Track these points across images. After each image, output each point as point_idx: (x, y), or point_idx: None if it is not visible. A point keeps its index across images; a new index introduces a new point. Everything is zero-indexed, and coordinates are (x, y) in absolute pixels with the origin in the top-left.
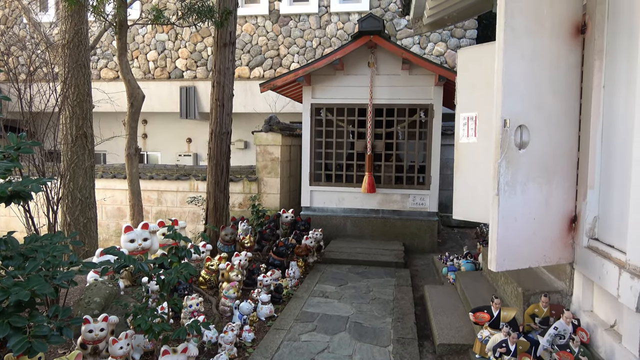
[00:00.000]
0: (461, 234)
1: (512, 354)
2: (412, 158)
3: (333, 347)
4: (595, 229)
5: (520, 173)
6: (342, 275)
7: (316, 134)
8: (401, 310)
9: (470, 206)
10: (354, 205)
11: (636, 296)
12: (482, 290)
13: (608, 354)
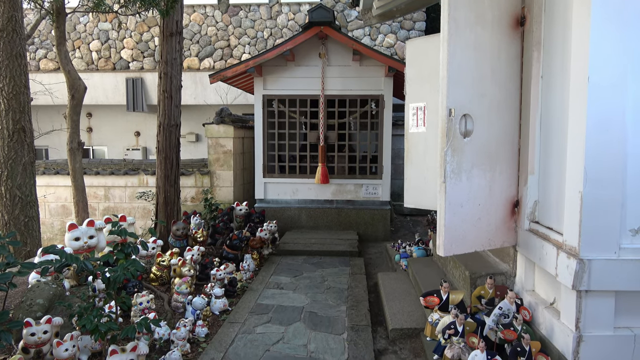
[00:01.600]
0: (413, 221)
1: (460, 334)
2: (364, 148)
3: (288, 337)
4: (536, 212)
5: (465, 161)
6: (297, 266)
7: (269, 125)
8: (355, 298)
9: (421, 194)
10: (309, 196)
11: (572, 275)
12: (432, 275)
13: (548, 330)
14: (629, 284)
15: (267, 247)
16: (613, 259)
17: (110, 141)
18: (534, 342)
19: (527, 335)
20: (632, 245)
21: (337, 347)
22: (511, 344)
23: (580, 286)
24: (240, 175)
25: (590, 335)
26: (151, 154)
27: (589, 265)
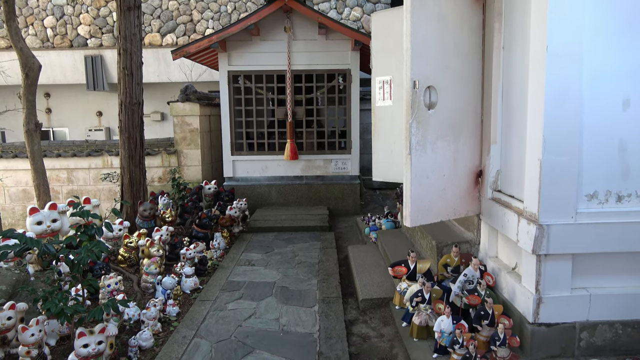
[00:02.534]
0: (383, 195)
1: (427, 301)
2: (333, 124)
3: (260, 312)
4: (498, 181)
5: (430, 132)
6: (268, 243)
7: (235, 102)
8: (326, 271)
9: (388, 167)
10: (278, 173)
11: (532, 240)
12: (401, 246)
13: (510, 294)
14: (585, 247)
15: (238, 225)
16: (570, 223)
17: (71, 122)
18: (496, 305)
19: (490, 300)
20: (588, 210)
21: (309, 320)
22: (475, 309)
23: (540, 250)
24: (208, 154)
25: (549, 297)
26: (115, 134)
27: (547, 231)
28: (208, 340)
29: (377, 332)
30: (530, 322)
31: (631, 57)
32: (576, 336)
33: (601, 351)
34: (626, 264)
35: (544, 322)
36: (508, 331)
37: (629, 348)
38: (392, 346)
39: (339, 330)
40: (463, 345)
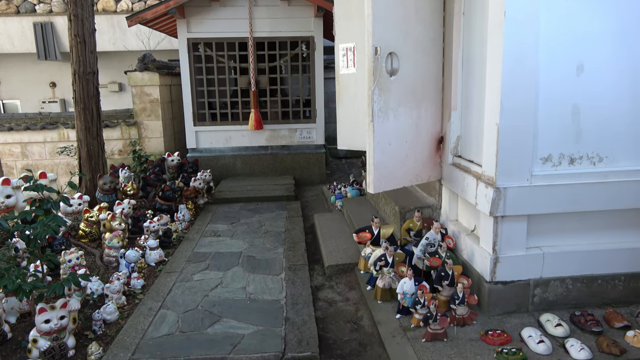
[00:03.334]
0: (349, 164)
1: (390, 265)
2: (297, 92)
3: (226, 282)
4: (459, 147)
5: (392, 99)
6: (234, 214)
7: (196, 71)
8: (292, 240)
9: (353, 135)
10: (243, 143)
11: (489, 202)
12: (366, 213)
13: (469, 255)
14: (539, 208)
15: (203, 197)
16: (525, 185)
17: (22, 94)
18: (456, 266)
19: (450, 261)
20: (543, 172)
21: (276, 287)
22: (436, 270)
23: (497, 212)
24: (170, 125)
25: (505, 256)
26: (70, 106)
27: (504, 193)
28: (174, 311)
29: (343, 297)
30: (488, 281)
31: (584, 23)
32: (530, 292)
33: (553, 306)
34: (577, 224)
35: (501, 281)
36: (467, 290)
37: (578, 302)
38: (357, 309)
39: (305, 296)
40: (424, 305)
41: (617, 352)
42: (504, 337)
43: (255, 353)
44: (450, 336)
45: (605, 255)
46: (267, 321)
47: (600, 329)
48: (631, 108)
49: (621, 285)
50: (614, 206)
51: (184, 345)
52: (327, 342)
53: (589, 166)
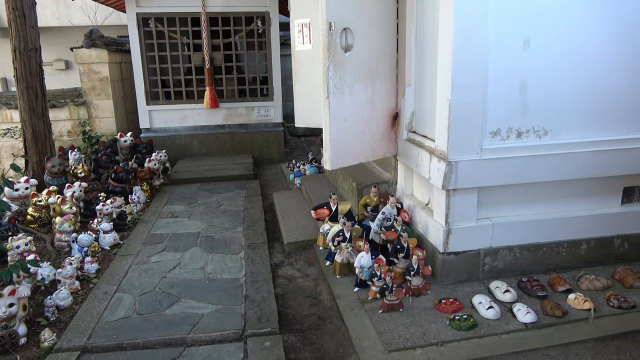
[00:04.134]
0: (308, 142)
1: (348, 240)
2: (253, 70)
3: (184, 262)
4: (413, 122)
5: (347, 75)
6: (192, 194)
7: (147, 47)
8: (251, 218)
9: (310, 112)
10: (199, 122)
11: (442, 176)
12: (324, 190)
13: (424, 228)
14: (489, 180)
15: (158, 178)
16: (476, 159)
17: None
18: (411, 239)
19: (405, 234)
20: (492, 146)
21: (235, 266)
22: (392, 243)
23: (449, 186)
24: (122, 104)
25: (457, 228)
26: (12, 85)
27: (455, 167)
28: (131, 294)
29: (302, 273)
30: (441, 252)
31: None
32: (481, 261)
33: (502, 273)
34: (524, 195)
35: (453, 251)
36: (421, 262)
37: (525, 269)
38: (316, 284)
39: (265, 274)
40: (381, 277)
41: (559, 314)
42: (457, 305)
43: (214, 332)
44: (406, 306)
45: (550, 224)
46: (226, 300)
47: (544, 294)
48: (574, 83)
49: (564, 252)
50: (557, 177)
51: (142, 328)
52: (287, 317)
53: (535, 139)
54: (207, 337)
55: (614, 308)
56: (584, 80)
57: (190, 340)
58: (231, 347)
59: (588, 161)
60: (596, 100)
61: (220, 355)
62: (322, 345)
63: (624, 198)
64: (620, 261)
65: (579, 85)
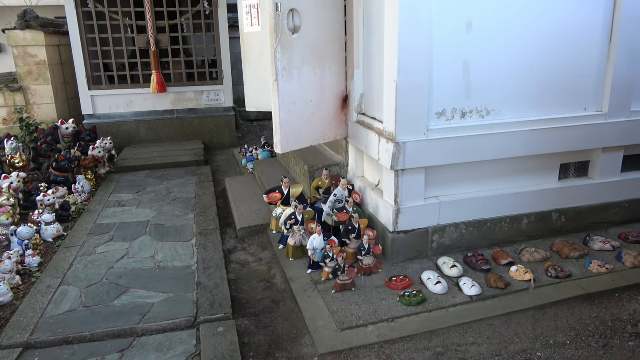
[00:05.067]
0: (260, 126)
1: (300, 223)
2: (202, 53)
3: (133, 252)
4: (363, 105)
5: (295, 57)
6: (140, 182)
7: (87, 29)
8: (203, 205)
9: (260, 96)
10: (146, 107)
11: (390, 157)
12: (277, 174)
13: (374, 208)
14: (435, 160)
15: (104, 166)
16: (423, 140)
17: None
18: (362, 220)
19: (356, 215)
20: (438, 127)
21: (186, 253)
22: (344, 225)
23: (397, 166)
24: (63, 90)
25: (406, 207)
26: None
27: (403, 148)
28: (77, 287)
29: (256, 257)
30: (391, 231)
31: None
32: (429, 239)
33: (449, 250)
34: (469, 173)
35: (403, 230)
36: (372, 241)
37: (471, 245)
38: (270, 268)
39: (217, 260)
40: (333, 258)
41: (502, 286)
42: (407, 282)
43: (166, 320)
44: (358, 285)
45: (494, 201)
46: (178, 288)
47: (489, 267)
48: (514, 65)
49: (507, 227)
50: (500, 156)
51: (89, 320)
52: (241, 302)
53: (478, 119)
54: (158, 326)
55: (552, 278)
56: (523, 62)
57: (141, 330)
58: (183, 334)
59: (528, 140)
60: (535, 81)
61: (172, 344)
62: (276, 327)
63: (561, 174)
64: (558, 234)
65: (519, 67)
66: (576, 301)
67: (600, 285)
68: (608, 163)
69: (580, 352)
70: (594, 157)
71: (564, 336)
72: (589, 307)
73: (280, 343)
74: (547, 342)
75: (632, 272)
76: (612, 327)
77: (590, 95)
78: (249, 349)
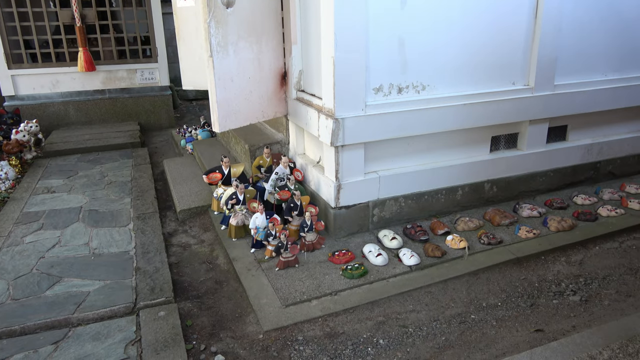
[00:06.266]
0: (200, 106)
1: (242, 202)
2: (133, 29)
3: (65, 240)
4: (301, 81)
5: (230, 33)
6: (71, 166)
7: (3, 2)
8: (140, 188)
9: (197, 74)
10: (74, 87)
11: (330, 133)
12: (217, 154)
13: (316, 185)
14: (374, 135)
15: (30, 151)
16: (361, 115)
17: None
18: (304, 197)
19: (297, 192)
20: (375, 102)
21: (123, 239)
22: (286, 202)
23: (337, 142)
24: None
25: (347, 183)
26: None
27: (342, 124)
28: (3, 279)
29: (198, 239)
30: (333, 207)
31: None
32: (370, 213)
33: (389, 222)
34: (406, 148)
35: (344, 205)
36: (315, 218)
37: (410, 217)
38: (212, 249)
39: (156, 244)
40: (276, 236)
41: (439, 255)
42: (349, 256)
43: (103, 308)
44: (302, 262)
45: (430, 174)
46: (115, 274)
47: (426, 237)
48: (447, 40)
49: (443, 198)
50: (435, 129)
51: (18, 313)
52: (183, 285)
53: (414, 94)
54: (95, 315)
55: (484, 245)
56: (456, 38)
57: (76, 320)
58: (122, 321)
59: (461, 113)
60: (467, 56)
61: (110, 331)
62: (219, 308)
63: (492, 146)
64: (490, 203)
65: (452, 42)
66: (506, 265)
67: (528, 249)
68: (535, 135)
69: (510, 312)
70: (522, 129)
71: (496, 298)
72: (518, 270)
73: (224, 323)
74: (480, 304)
75: (556, 235)
76: (539, 287)
77: (518, 70)
78: (192, 331)
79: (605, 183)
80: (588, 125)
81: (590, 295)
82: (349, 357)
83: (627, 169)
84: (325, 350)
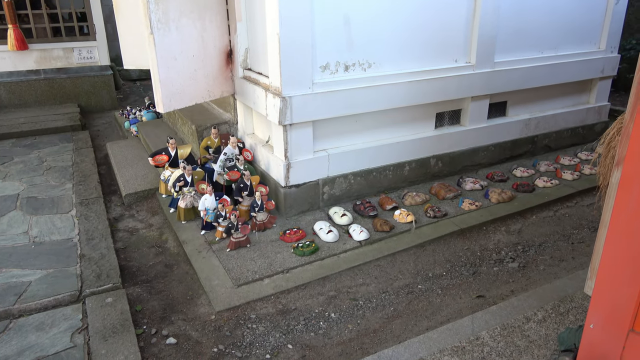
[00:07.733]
0: (144, 86)
1: (190, 184)
2: (68, 4)
3: (2, 229)
4: (248, 60)
5: (172, 9)
6: (5, 152)
7: None
8: (82, 173)
9: (139, 52)
10: (5, 67)
11: (278, 112)
12: (163, 135)
13: (266, 165)
14: (322, 113)
15: None
16: (308, 93)
17: None
18: (254, 177)
19: (247, 172)
20: (322, 80)
21: (66, 225)
22: (236, 183)
23: (285, 121)
24: None
25: (296, 161)
26: None
27: (290, 102)
28: None
29: (146, 223)
30: (283, 186)
31: None
32: (320, 191)
33: (339, 200)
34: (354, 125)
35: (294, 184)
36: (265, 197)
37: (359, 193)
38: (161, 233)
39: (101, 230)
40: (226, 217)
41: (387, 229)
42: (300, 234)
43: (46, 297)
44: (253, 241)
45: (378, 151)
46: (58, 262)
47: (375, 213)
48: (392, 18)
49: (391, 174)
50: (382, 107)
51: None
52: (131, 270)
53: (361, 72)
54: (37, 305)
55: (430, 218)
56: (401, 16)
57: (18, 311)
58: (67, 310)
59: (407, 91)
60: (412, 34)
61: (55, 321)
62: (170, 291)
63: (437, 123)
64: (435, 178)
65: (397, 20)
66: (451, 237)
67: (470, 220)
68: (476, 111)
69: (454, 281)
70: (464, 105)
71: (441, 268)
72: (461, 241)
73: (175, 306)
74: (427, 275)
75: (496, 207)
76: (480, 256)
77: (460, 47)
78: (142, 315)
79: (542, 156)
80: (526, 101)
81: (527, 262)
82: (302, 332)
83: (561, 142)
84: (278, 326)
